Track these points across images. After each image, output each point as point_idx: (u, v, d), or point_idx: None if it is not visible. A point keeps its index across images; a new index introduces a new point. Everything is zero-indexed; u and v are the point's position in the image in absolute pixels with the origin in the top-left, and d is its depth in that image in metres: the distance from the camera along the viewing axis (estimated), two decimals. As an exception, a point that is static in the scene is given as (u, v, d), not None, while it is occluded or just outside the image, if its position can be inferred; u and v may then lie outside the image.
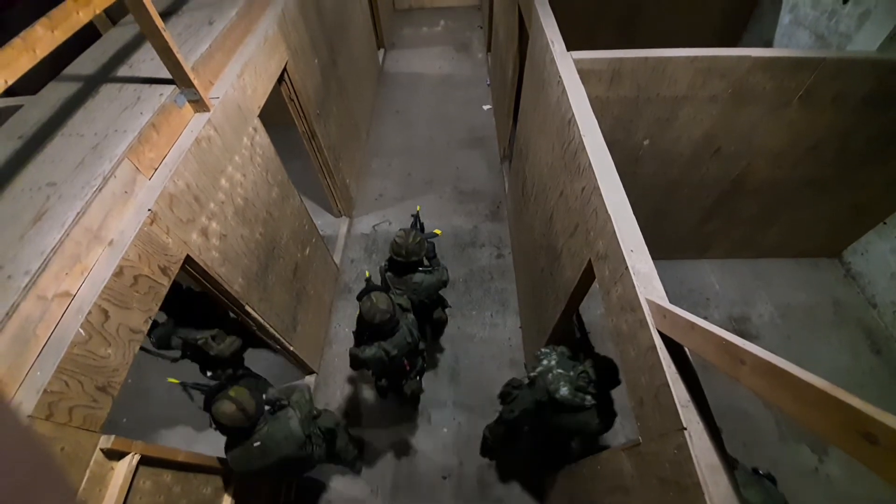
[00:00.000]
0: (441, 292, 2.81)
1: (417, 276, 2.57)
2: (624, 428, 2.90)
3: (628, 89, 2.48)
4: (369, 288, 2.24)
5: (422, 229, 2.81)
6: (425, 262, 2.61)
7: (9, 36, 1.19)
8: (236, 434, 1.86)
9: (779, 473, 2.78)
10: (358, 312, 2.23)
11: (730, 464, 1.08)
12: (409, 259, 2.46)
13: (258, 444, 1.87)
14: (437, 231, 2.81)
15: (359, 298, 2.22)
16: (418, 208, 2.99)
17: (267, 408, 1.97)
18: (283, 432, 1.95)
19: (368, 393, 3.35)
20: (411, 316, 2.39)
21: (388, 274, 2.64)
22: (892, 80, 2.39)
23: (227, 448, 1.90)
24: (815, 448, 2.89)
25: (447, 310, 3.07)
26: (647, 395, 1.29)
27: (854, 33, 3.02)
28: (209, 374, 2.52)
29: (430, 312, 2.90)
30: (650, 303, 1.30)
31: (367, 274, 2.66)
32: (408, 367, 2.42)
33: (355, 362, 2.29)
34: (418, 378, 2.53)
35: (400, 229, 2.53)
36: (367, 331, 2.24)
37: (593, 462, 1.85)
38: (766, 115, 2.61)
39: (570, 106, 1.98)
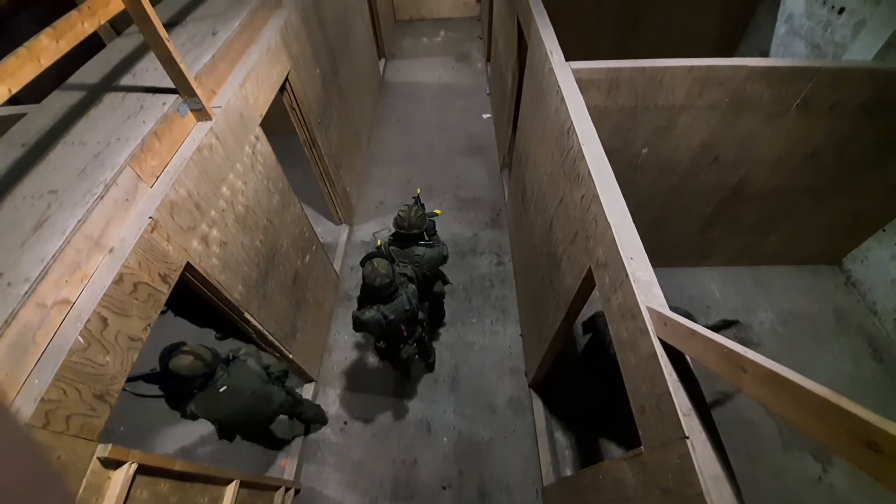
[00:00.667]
0: (442, 268, 3.00)
1: (419, 249, 2.75)
2: (625, 437, 2.88)
3: (626, 99, 2.51)
4: (372, 254, 2.40)
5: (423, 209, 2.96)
6: (426, 236, 2.77)
7: (13, 44, 1.20)
8: (198, 384, 1.96)
9: (782, 482, 2.78)
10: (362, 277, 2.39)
11: (732, 473, 1.07)
12: (410, 231, 2.64)
13: (224, 388, 2.03)
14: (437, 211, 2.99)
15: (362, 264, 2.39)
16: (418, 191, 3.12)
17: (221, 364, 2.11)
18: (244, 372, 2.15)
19: (367, 401, 3.33)
20: (412, 286, 2.53)
21: (392, 247, 2.81)
22: (888, 88, 2.41)
23: (189, 403, 2.00)
24: (819, 457, 2.86)
25: (447, 286, 3.25)
26: (649, 403, 1.28)
27: (849, 43, 3.06)
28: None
29: (431, 285, 3.07)
30: (651, 310, 1.29)
31: (378, 242, 2.84)
32: (405, 334, 2.57)
33: (356, 324, 2.43)
34: (415, 345, 2.71)
35: (403, 204, 2.69)
36: (367, 294, 2.39)
37: (595, 472, 1.83)
38: (763, 124, 2.62)
39: (569, 115, 2.00)
